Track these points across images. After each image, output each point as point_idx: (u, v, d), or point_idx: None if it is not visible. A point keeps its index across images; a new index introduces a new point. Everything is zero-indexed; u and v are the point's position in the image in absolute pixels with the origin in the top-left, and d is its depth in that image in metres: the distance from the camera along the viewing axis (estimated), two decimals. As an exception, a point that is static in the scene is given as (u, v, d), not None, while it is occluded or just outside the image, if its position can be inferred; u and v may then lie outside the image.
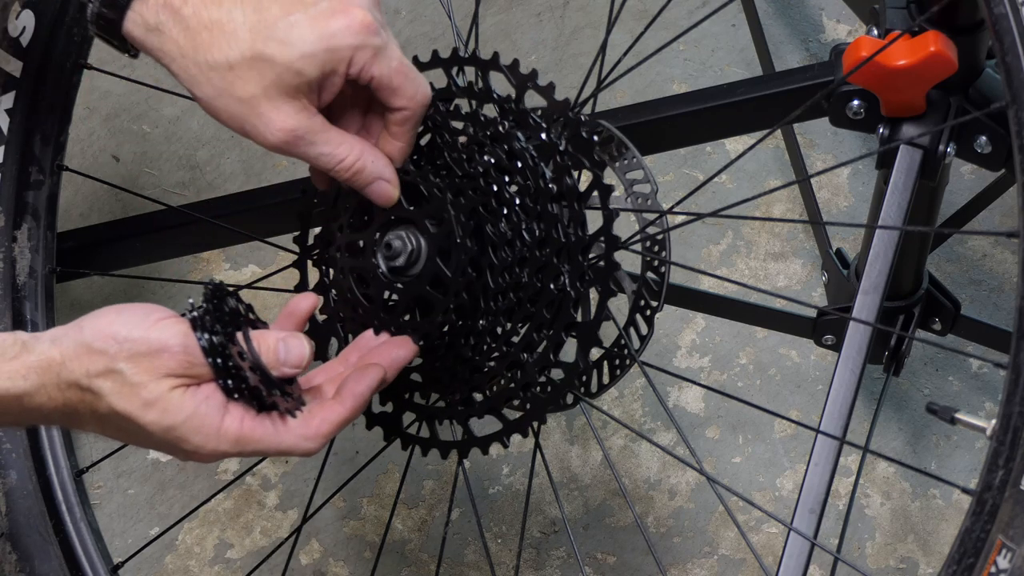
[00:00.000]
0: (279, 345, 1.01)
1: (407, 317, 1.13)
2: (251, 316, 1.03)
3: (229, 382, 1.00)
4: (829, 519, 1.67)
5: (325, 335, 1.17)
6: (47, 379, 1.00)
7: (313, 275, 1.20)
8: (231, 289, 1.03)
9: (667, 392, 1.74)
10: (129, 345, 0.98)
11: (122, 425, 1.00)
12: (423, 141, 1.14)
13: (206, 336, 0.99)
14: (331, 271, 1.18)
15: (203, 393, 0.99)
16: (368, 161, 1.07)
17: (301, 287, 1.21)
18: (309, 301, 1.09)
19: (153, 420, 0.99)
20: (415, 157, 1.13)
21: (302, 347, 1.02)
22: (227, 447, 1.00)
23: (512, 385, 1.12)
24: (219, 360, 0.99)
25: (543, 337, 1.10)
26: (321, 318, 1.18)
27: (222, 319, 1.00)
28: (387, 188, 1.08)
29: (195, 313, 1.00)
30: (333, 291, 1.17)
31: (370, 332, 1.12)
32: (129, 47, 1.05)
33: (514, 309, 1.10)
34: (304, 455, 1.04)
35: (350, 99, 1.08)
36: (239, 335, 1.00)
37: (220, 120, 1.03)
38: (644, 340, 1.14)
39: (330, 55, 1.00)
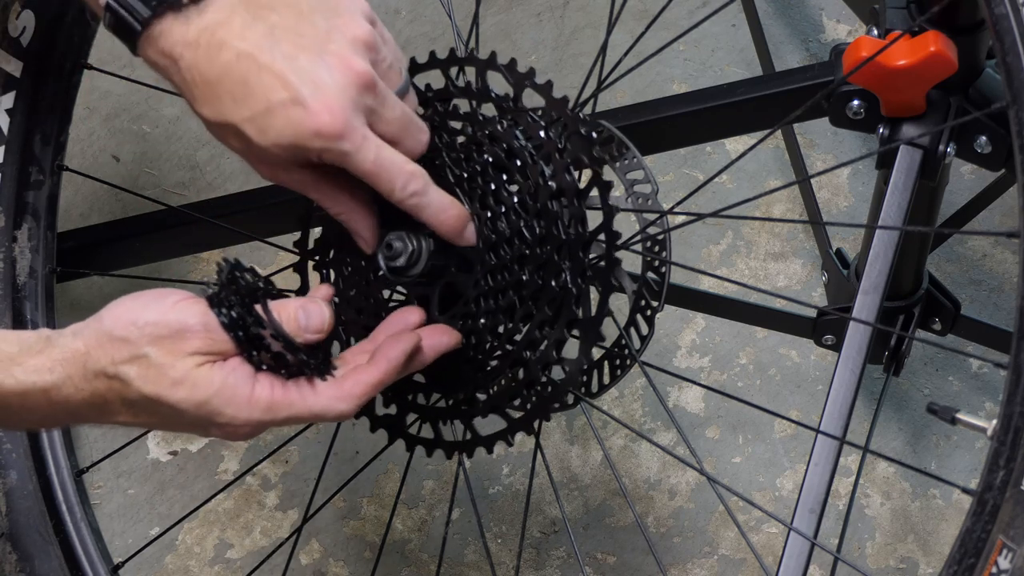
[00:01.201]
0: (299, 312, 1.02)
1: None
2: (270, 288, 1.04)
3: (253, 353, 1.00)
4: (829, 519, 1.67)
5: (327, 339, 1.17)
6: (73, 371, 1.00)
7: (313, 279, 1.20)
8: (248, 266, 1.03)
9: (667, 392, 1.74)
10: (150, 329, 0.99)
11: (154, 409, 1.01)
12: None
13: (224, 311, 1.00)
14: (332, 274, 1.18)
15: (230, 366, 1.00)
16: (349, 220, 1.08)
17: (302, 291, 1.21)
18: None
19: (184, 397, 0.99)
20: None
21: (321, 312, 1.03)
22: (260, 415, 1.01)
23: (515, 384, 1.12)
24: (240, 333, 1.00)
25: (545, 335, 1.10)
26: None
27: (239, 293, 1.01)
28: (363, 246, 1.10)
29: (211, 291, 1.01)
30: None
31: (398, 314, 1.12)
32: None
33: (515, 307, 1.10)
34: (337, 418, 1.04)
35: None
36: (257, 307, 1.01)
37: None
38: (644, 340, 1.14)
39: (298, 150, 1.01)
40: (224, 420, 1.01)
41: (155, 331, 0.99)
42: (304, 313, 1.02)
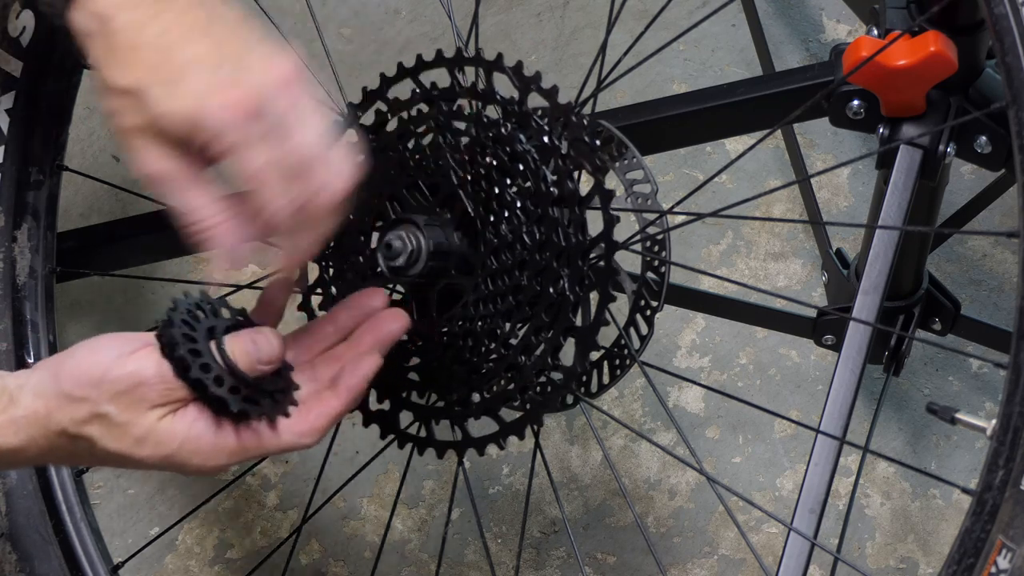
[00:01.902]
0: (249, 346, 1.01)
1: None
2: (226, 316, 1.03)
3: (208, 393, 0.99)
4: (829, 519, 1.67)
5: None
6: (35, 432, 1.00)
7: (313, 273, 1.20)
8: (202, 297, 1.03)
9: (667, 392, 1.74)
10: (107, 386, 0.99)
11: (121, 461, 1.01)
12: (425, 141, 1.14)
13: (176, 356, 0.99)
14: (331, 268, 1.18)
15: (191, 415, 1.00)
16: (212, 234, 1.02)
17: (302, 283, 1.20)
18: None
19: (149, 454, 1.00)
20: (417, 156, 1.13)
21: (269, 342, 1.02)
22: (226, 459, 1.01)
23: (510, 387, 1.12)
24: (194, 378, 0.99)
25: (541, 340, 1.10)
26: (320, 315, 1.18)
27: (192, 332, 1.00)
28: (215, 266, 1.03)
29: (164, 337, 0.99)
30: (333, 287, 1.18)
31: (364, 294, 1.10)
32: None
33: (513, 311, 1.10)
34: (304, 449, 1.04)
35: None
36: (211, 345, 1.00)
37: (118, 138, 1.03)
38: (644, 340, 1.14)
39: (194, 124, 0.97)
40: (192, 469, 1.01)
41: (112, 388, 0.98)
42: (254, 346, 1.01)
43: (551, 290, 1.08)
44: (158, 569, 1.68)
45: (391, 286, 1.15)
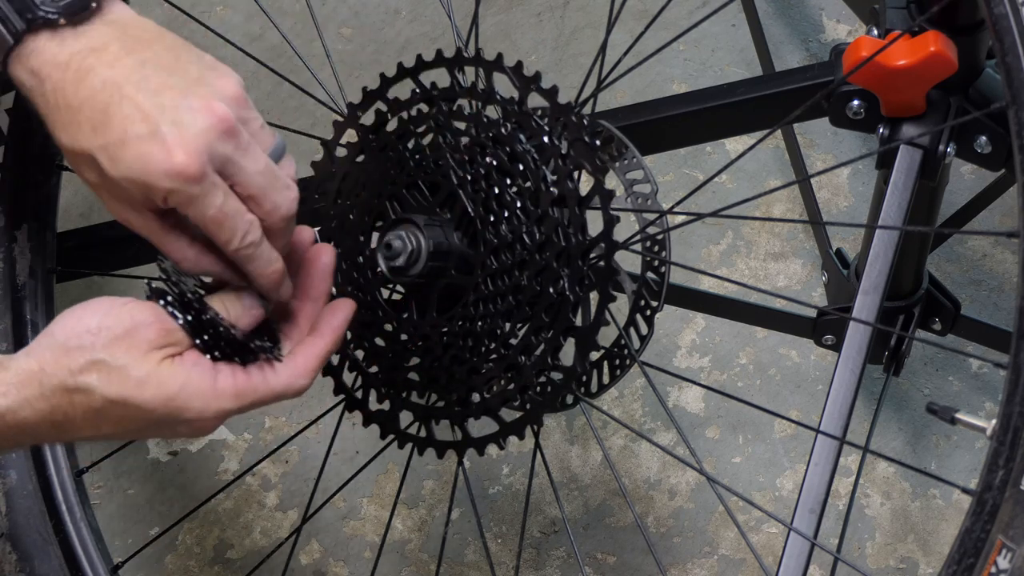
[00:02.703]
0: (240, 296, 1.03)
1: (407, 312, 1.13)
2: (202, 283, 1.05)
3: (206, 338, 1.01)
4: (829, 519, 1.67)
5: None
6: (29, 392, 0.99)
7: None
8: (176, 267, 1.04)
9: (667, 392, 1.74)
10: (104, 332, 0.99)
11: (120, 414, 1.00)
12: (425, 141, 1.14)
13: (171, 300, 1.00)
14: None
15: (190, 360, 1.00)
16: (201, 269, 1.04)
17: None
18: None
19: (151, 396, 0.99)
20: (417, 156, 1.13)
21: (253, 296, 1.04)
22: (227, 404, 1.01)
23: (510, 387, 1.12)
24: (191, 318, 1.00)
25: (541, 340, 1.10)
26: None
27: (180, 285, 1.02)
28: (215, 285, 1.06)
29: (153, 285, 1.01)
30: (333, 288, 1.18)
31: (297, 231, 1.10)
32: None
33: (513, 311, 1.10)
34: (297, 394, 1.05)
35: None
36: (200, 296, 1.02)
37: None
38: (644, 340, 1.14)
39: (146, 188, 0.99)
40: (193, 415, 1.00)
41: (109, 333, 0.99)
42: (240, 297, 1.03)
43: (551, 290, 1.08)
44: (158, 569, 1.68)
45: (391, 286, 1.15)
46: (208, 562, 1.68)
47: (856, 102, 1.27)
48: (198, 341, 1.01)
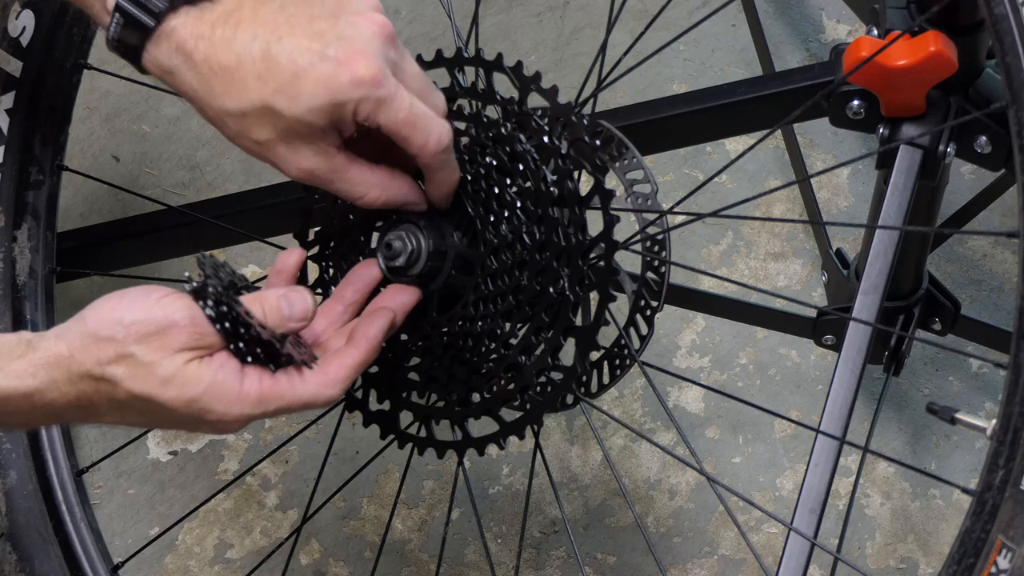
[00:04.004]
0: (281, 302, 1.02)
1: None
2: (247, 281, 1.04)
3: (240, 345, 1.00)
4: (829, 519, 1.67)
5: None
6: (57, 374, 1.00)
7: (313, 272, 1.20)
8: (223, 261, 1.03)
9: (667, 392, 1.74)
10: (136, 327, 0.99)
11: (143, 408, 1.01)
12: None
13: (210, 304, 0.99)
14: (331, 268, 1.18)
15: (218, 361, 1.00)
16: (391, 193, 1.07)
17: (301, 282, 1.21)
18: (296, 256, 1.11)
19: (174, 396, 0.99)
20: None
21: (304, 299, 1.03)
22: (250, 409, 1.01)
23: (510, 387, 1.12)
24: (227, 325, 0.99)
25: (541, 340, 1.10)
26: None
27: (221, 287, 1.00)
28: (414, 208, 1.09)
29: (195, 284, 1.00)
30: (333, 287, 1.18)
31: (361, 266, 1.12)
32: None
33: (513, 311, 1.10)
34: (326, 404, 1.04)
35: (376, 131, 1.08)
36: (242, 298, 1.01)
37: (244, 151, 1.05)
38: (644, 340, 1.14)
39: (335, 108, 0.99)
40: (215, 417, 1.00)
41: (141, 329, 0.99)
42: (287, 302, 1.02)
43: (551, 290, 1.08)
44: (158, 569, 1.68)
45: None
46: (208, 562, 1.68)
47: (856, 102, 1.27)
48: (231, 346, 1.00)
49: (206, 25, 1.00)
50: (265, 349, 1.01)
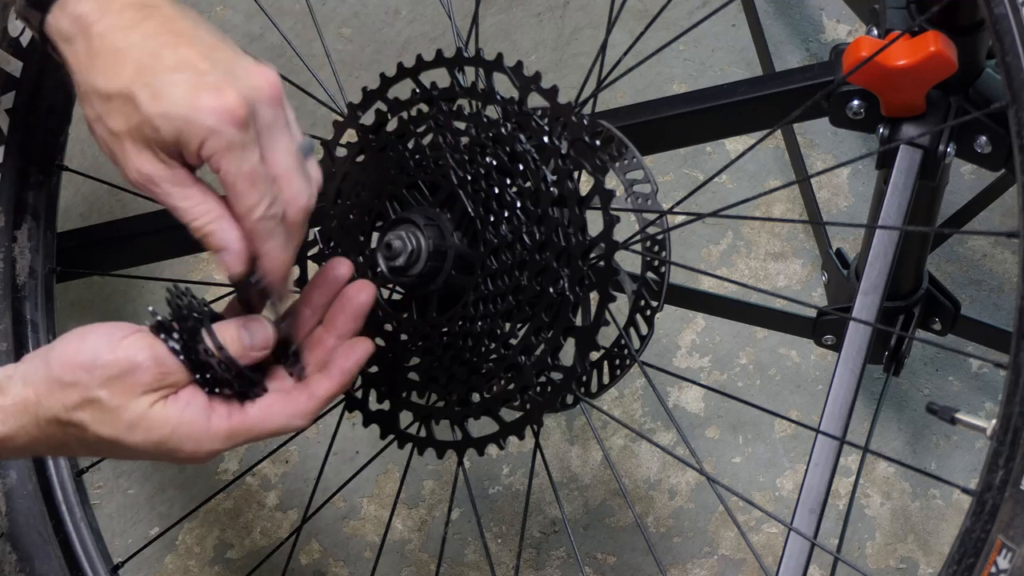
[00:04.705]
0: (241, 332, 1.02)
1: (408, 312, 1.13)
2: (211, 312, 1.04)
3: (207, 375, 1.00)
4: (829, 519, 1.67)
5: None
6: (25, 420, 1.00)
7: (312, 271, 1.20)
8: (186, 288, 1.03)
9: (667, 392, 1.74)
10: (100, 371, 0.98)
11: (112, 448, 1.01)
12: (425, 141, 1.14)
13: (174, 337, 0.99)
14: None
15: (183, 399, 1.00)
16: (219, 228, 1.00)
17: (301, 282, 1.21)
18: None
19: (141, 440, 0.99)
20: (417, 156, 1.13)
21: (264, 328, 1.03)
22: (220, 444, 1.01)
23: (510, 387, 1.12)
24: (192, 357, 0.99)
25: (541, 340, 1.10)
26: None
27: (184, 319, 1.00)
28: (229, 260, 1.01)
29: (158, 318, 1.00)
30: None
31: (328, 267, 1.10)
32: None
33: (513, 311, 1.10)
34: (296, 432, 1.04)
35: None
36: (203, 331, 1.00)
37: (97, 142, 1.02)
38: (644, 340, 1.14)
39: (186, 125, 0.97)
40: (185, 455, 1.00)
41: (105, 372, 0.98)
42: (247, 332, 1.02)
43: (551, 290, 1.08)
44: (158, 569, 1.68)
45: (391, 286, 1.15)
46: (208, 562, 1.68)
47: (856, 102, 1.26)
48: (198, 377, 1.00)
49: (116, 3, 0.99)
50: (232, 379, 1.01)
